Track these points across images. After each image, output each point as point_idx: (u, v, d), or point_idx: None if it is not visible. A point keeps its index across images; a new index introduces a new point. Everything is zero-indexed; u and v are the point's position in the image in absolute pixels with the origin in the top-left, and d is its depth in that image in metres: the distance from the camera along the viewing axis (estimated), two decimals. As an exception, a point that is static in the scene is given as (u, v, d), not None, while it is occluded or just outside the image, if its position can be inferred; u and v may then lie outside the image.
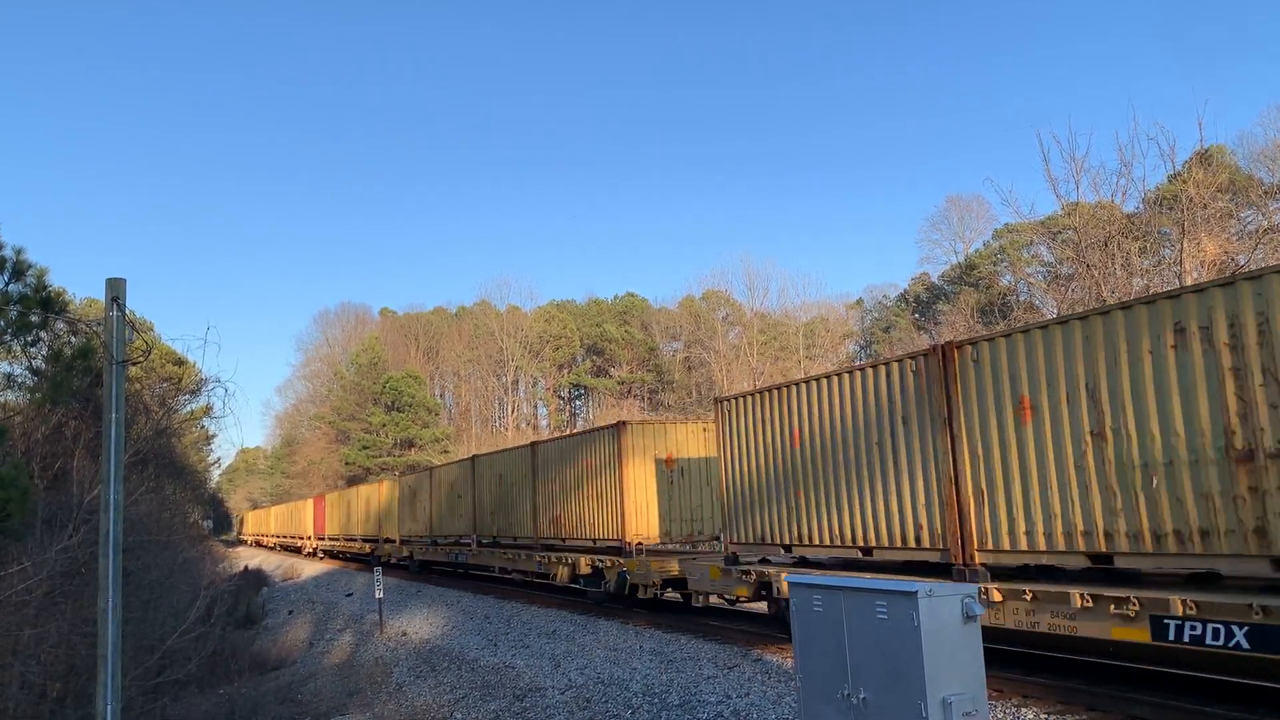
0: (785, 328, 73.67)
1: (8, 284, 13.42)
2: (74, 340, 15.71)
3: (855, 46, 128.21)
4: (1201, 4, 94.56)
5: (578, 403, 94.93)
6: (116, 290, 7.96)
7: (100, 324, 8.51)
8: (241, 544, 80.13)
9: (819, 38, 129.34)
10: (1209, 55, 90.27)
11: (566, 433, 35.28)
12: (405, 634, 21.23)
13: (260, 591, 39.93)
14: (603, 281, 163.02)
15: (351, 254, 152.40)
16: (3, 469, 10.87)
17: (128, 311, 8.06)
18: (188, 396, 35.05)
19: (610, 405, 79.51)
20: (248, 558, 58.54)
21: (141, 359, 9.38)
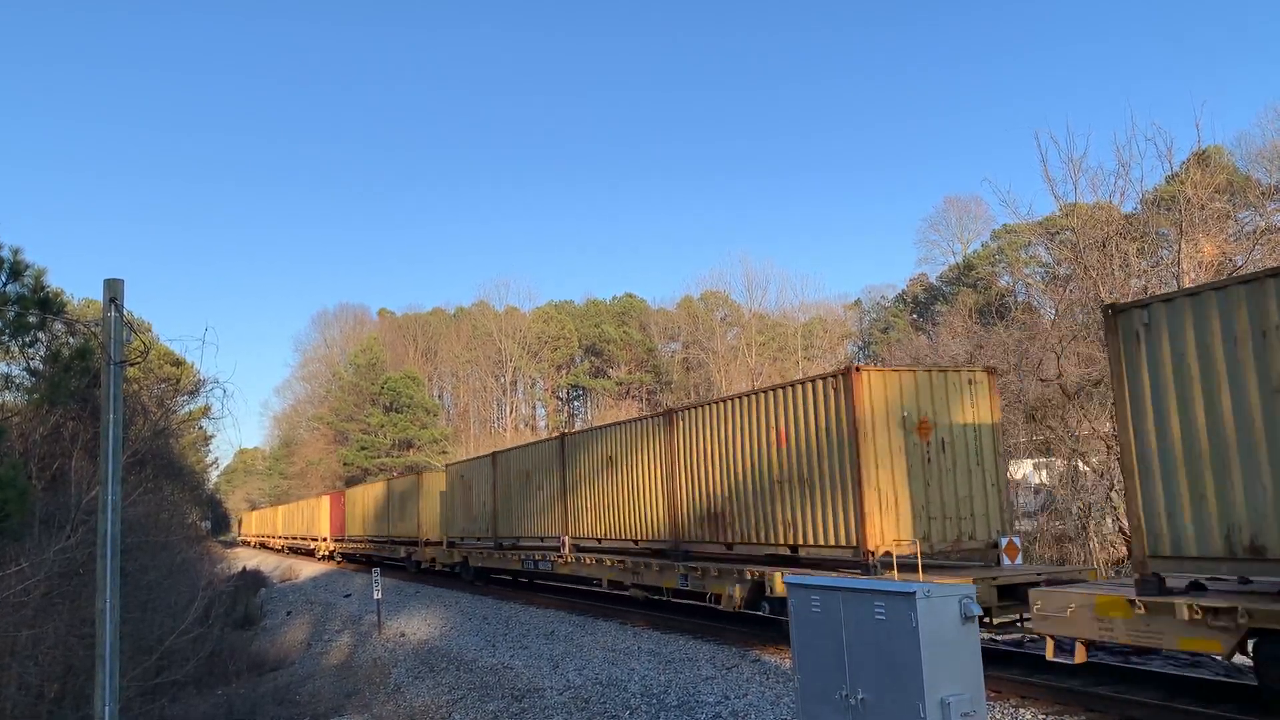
0: (784, 328, 73.71)
1: (5, 284, 13.41)
2: (72, 341, 15.71)
3: (855, 46, 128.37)
4: (1201, 4, 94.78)
5: (576, 403, 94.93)
6: (114, 291, 7.95)
7: (98, 324, 8.49)
8: (245, 545, 78.73)
9: (819, 38, 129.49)
10: (1209, 55, 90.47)
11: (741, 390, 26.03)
12: (404, 635, 21.22)
13: (258, 592, 39.87)
14: (601, 282, 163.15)
15: (350, 254, 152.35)
16: (1, 470, 10.86)
17: (126, 312, 8.05)
18: (186, 397, 35.03)
19: (609, 406, 79.49)
20: (246, 559, 58.51)
21: (140, 360, 9.37)
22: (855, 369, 13.06)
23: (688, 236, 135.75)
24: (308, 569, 46.13)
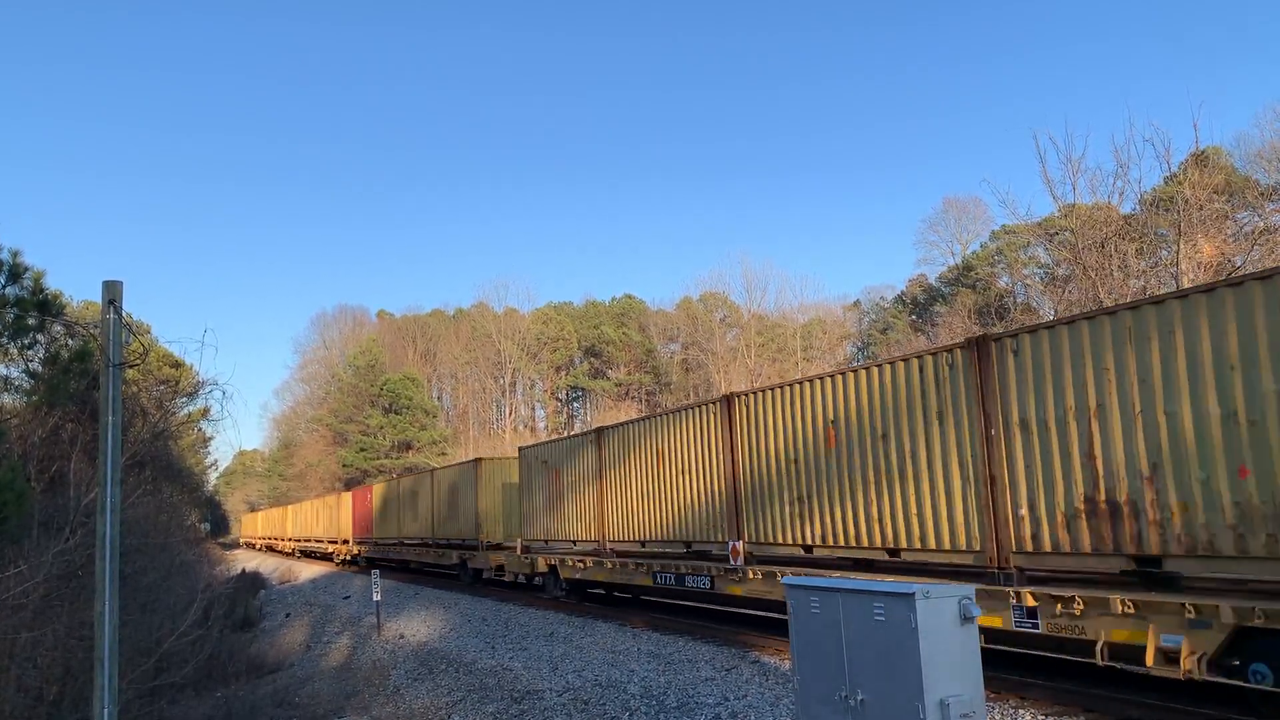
0: (783, 329, 73.77)
1: (5, 286, 13.43)
2: (71, 343, 15.73)
3: (855, 46, 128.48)
4: (1201, 4, 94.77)
5: (575, 404, 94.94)
6: (113, 293, 7.95)
7: (97, 326, 8.50)
8: (249, 548, 77.33)
9: (819, 38, 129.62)
10: (1208, 55, 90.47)
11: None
12: (403, 636, 21.21)
13: (258, 594, 39.87)
14: (600, 283, 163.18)
15: (349, 255, 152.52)
16: (0, 472, 10.86)
17: (125, 314, 8.06)
18: (185, 399, 34.95)
19: (608, 407, 79.52)
20: (245, 560, 58.48)
21: (139, 362, 9.37)
22: (987, 338, 10.44)
23: (687, 237, 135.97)
24: (307, 571, 46.12)
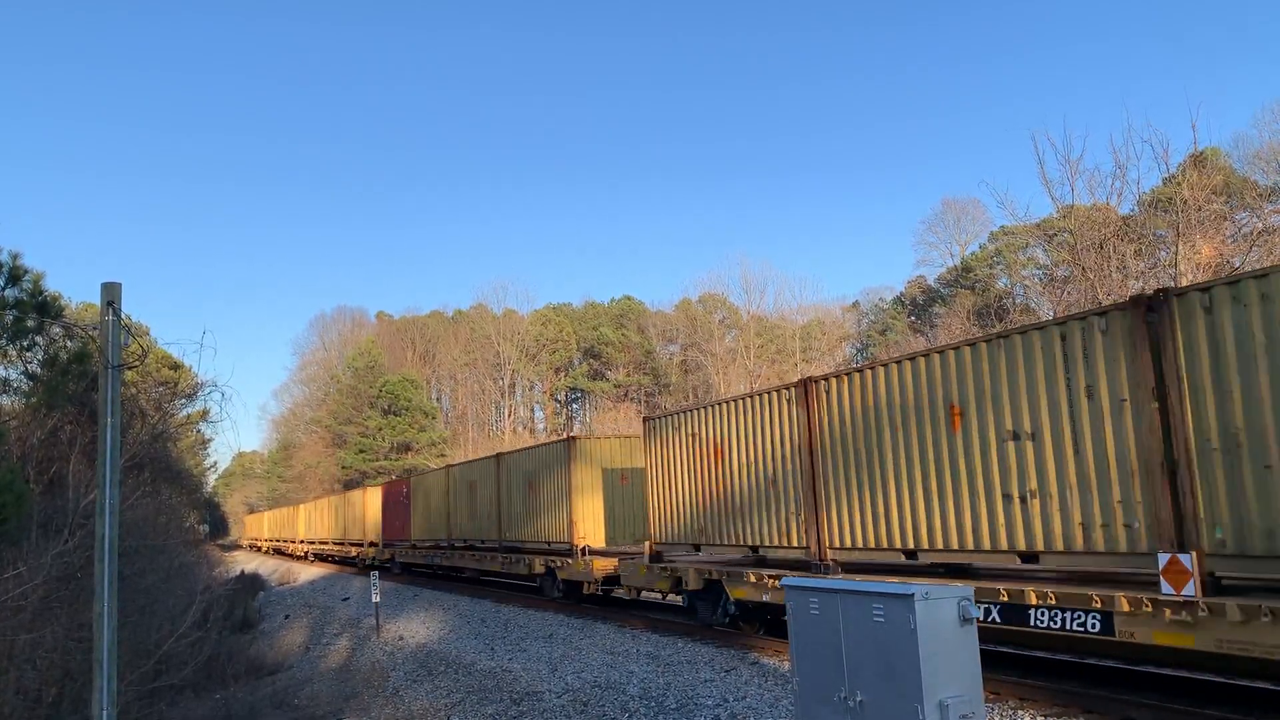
0: (782, 330, 73.74)
1: (4, 288, 13.42)
2: (70, 344, 15.72)
3: (855, 46, 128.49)
4: (1201, 4, 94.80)
5: (574, 406, 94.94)
6: (112, 294, 7.95)
7: (96, 328, 8.50)
8: (255, 550, 76.05)
9: (819, 38, 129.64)
10: (1208, 55, 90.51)
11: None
12: (402, 638, 21.20)
13: (257, 596, 39.85)
14: (599, 285, 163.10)
15: (348, 257, 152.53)
16: (-2, 473, 10.86)
17: (123, 315, 8.06)
18: (184, 400, 35.00)
19: (607, 408, 79.52)
20: (245, 562, 58.44)
21: (137, 363, 9.37)
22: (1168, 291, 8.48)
23: (686, 238, 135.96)
24: (306, 572, 46.10)
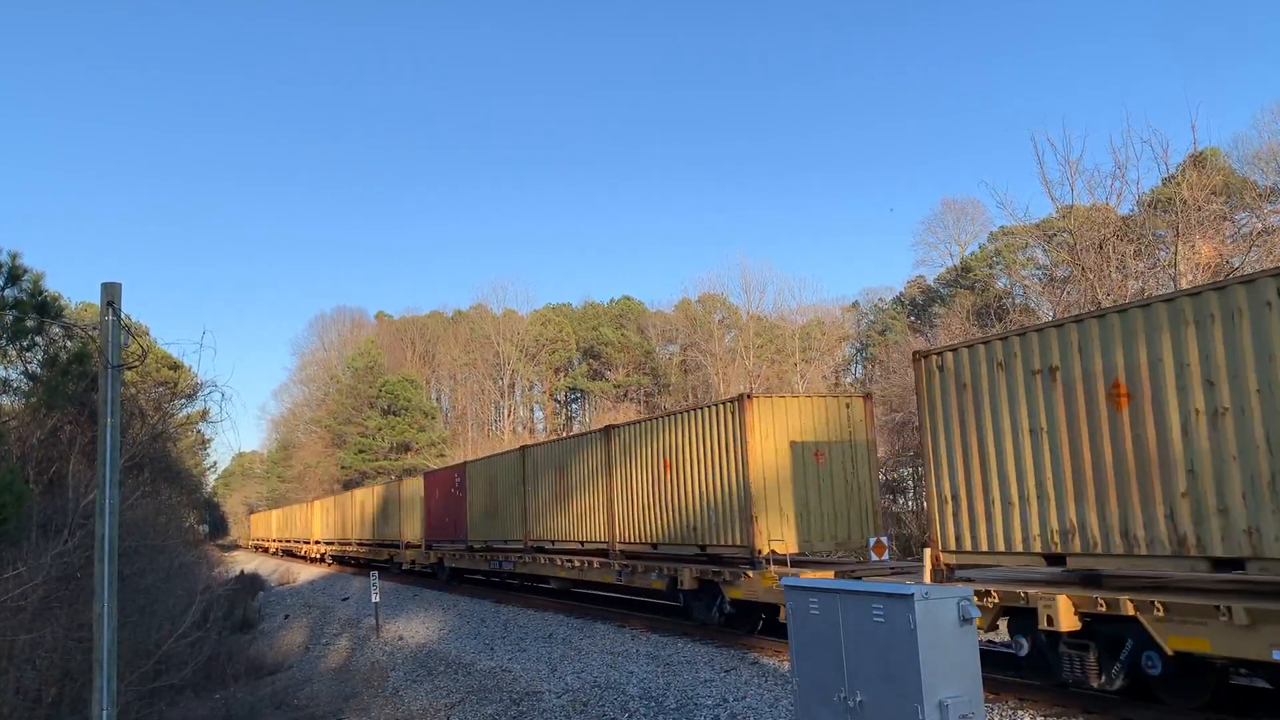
0: (781, 331, 73.68)
1: (4, 288, 13.43)
2: (70, 344, 15.72)
3: (855, 46, 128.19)
4: (1201, 4, 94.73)
5: (574, 406, 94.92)
6: (112, 294, 7.95)
7: (96, 328, 8.50)
8: (262, 551, 74.29)
9: (819, 38, 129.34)
10: (1208, 55, 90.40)
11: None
12: (402, 638, 21.19)
13: (256, 596, 39.85)
14: (599, 285, 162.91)
15: (348, 257, 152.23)
16: (-2, 473, 10.86)
17: (124, 315, 8.06)
18: (184, 401, 34.97)
19: (607, 408, 79.49)
20: (245, 562, 58.40)
21: (137, 363, 9.37)
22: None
23: (686, 238, 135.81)
24: (306, 572, 46.10)
